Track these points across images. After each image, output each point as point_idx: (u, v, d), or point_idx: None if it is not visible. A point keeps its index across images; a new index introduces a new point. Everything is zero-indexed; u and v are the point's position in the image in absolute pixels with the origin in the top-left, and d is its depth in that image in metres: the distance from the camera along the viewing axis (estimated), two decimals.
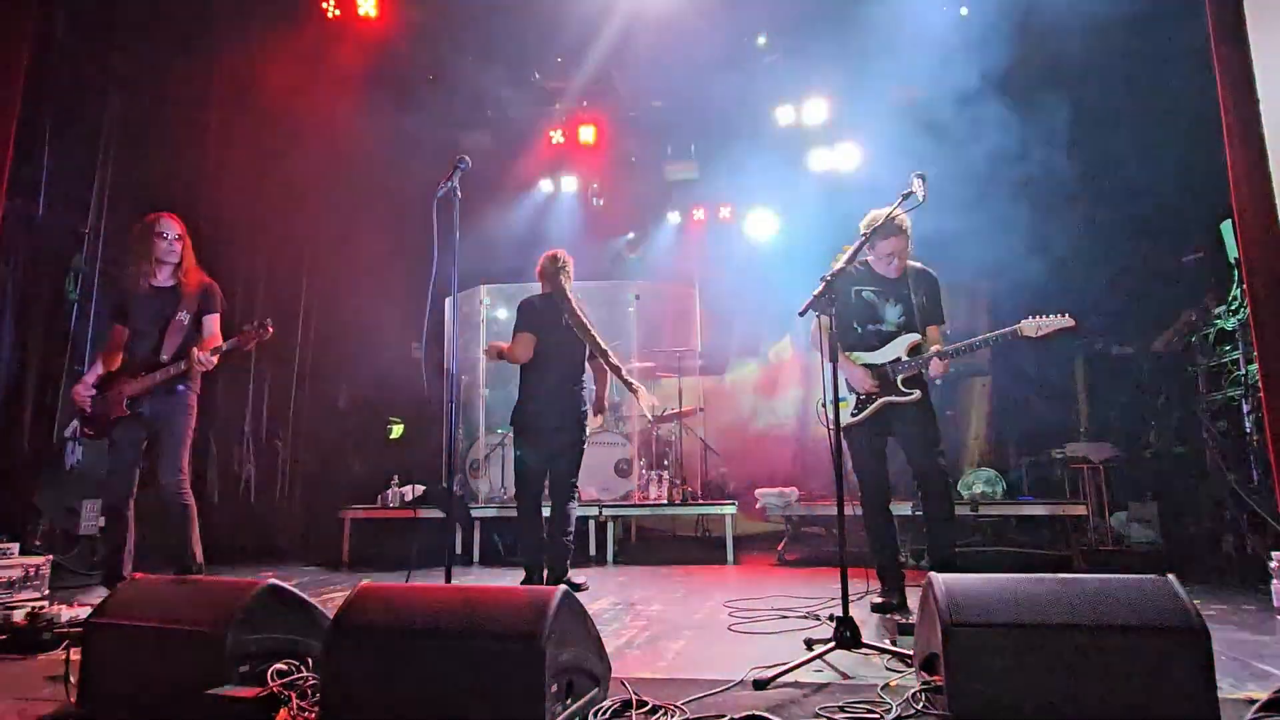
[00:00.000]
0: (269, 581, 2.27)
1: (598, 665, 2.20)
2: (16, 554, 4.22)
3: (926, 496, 3.67)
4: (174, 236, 4.06)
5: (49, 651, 2.97)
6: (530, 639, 1.86)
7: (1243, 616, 3.54)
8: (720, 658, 2.86)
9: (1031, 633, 1.93)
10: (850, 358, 3.75)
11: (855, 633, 2.69)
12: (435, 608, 2.05)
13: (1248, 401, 4.90)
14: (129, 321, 4.09)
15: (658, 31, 6.53)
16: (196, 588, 2.62)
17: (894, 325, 3.77)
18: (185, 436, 3.98)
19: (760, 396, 8.21)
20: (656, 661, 2.84)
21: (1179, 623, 1.88)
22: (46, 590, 4.24)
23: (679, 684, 2.40)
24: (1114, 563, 5.31)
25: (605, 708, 2.11)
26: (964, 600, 2.01)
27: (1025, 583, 2.09)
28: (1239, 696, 2.20)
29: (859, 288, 3.80)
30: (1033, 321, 3.46)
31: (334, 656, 2.00)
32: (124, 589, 2.44)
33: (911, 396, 3.67)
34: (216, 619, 2.11)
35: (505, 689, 1.86)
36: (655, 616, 3.75)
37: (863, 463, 3.78)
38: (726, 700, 2.25)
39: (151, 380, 3.92)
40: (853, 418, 3.74)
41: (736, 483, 7.65)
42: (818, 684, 2.44)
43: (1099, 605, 1.97)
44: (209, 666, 2.04)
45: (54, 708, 2.20)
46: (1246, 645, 2.95)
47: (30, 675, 2.69)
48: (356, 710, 1.89)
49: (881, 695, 2.22)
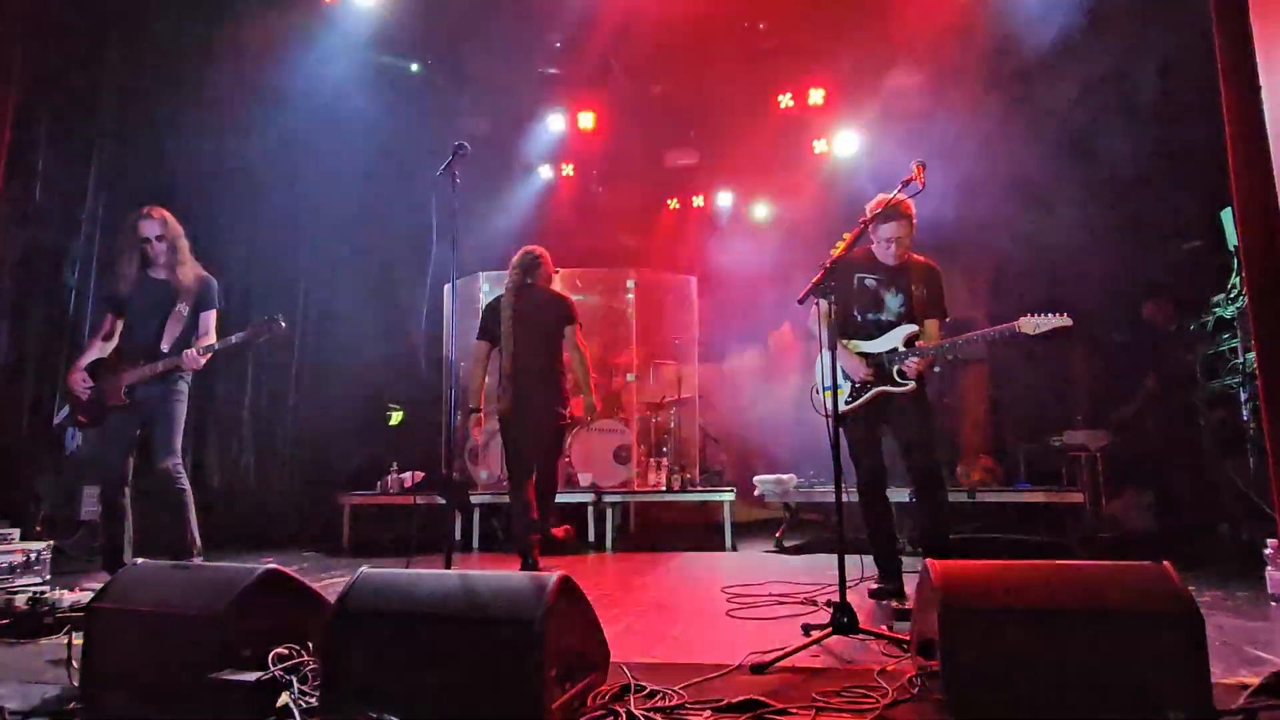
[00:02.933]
0: (269, 566, 2.28)
1: (597, 650, 2.22)
2: (17, 539, 4.24)
3: (921, 486, 3.66)
4: (156, 235, 3.97)
5: (51, 636, 2.99)
6: (530, 624, 1.87)
7: (1237, 603, 3.57)
8: (718, 643, 2.88)
9: (1027, 618, 1.94)
10: (847, 346, 3.75)
11: (852, 618, 2.71)
12: (436, 593, 2.06)
13: (1245, 390, 4.92)
14: (125, 311, 4.06)
15: (657, 17, 6.49)
16: (197, 572, 2.63)
17: (894, 314, 3.76)
18: (179, 422, 3.97)
19: (759, 384, 8.20)
20: (655, 646, 2.86)
21: (1174, 609, 1.90)
22: (48, 575, 4.27)
23: (677, 669, 2.42)
24: (1110, 550, 5.33)
25: (604, 692, 2.13)
26: (961, 586, 2.03)
27: (1021, 569, 2.10)
28: (1232, 681, 2.22)
29: (861, 275, 3.78)
30: (1031, 320, 3.45)
31: (335, 641, 2.01)
32: (125, 574, 2.45)
33: (906, 387, 3.66)
34: (217, 603, 2.11)
35: (505, 673, 1.87)
36: (654, 602, 3.78)
37: (859, 450, 3.78)
38: (724, 684, 2.27)
39: (152, 370, 3.89)
40: (847, 405, 3.74)
41: (735, 469, 7.67)
42: (815, 669, 2.46)
43: (1095, 591, 1.98)
44: (210, 650, 2.05)
45: (57, 691, 2.22)
46: (1240, 631, 2.97)
47: (33, 659, 2.71)
48: (358, 694, 1.90)
49: (878, 680, 2.23)
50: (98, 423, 3.98)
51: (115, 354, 4.05)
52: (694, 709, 2.04)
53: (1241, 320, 4.84)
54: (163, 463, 3.87)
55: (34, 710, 2.10)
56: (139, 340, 4.00)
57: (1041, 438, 6.31)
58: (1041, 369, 6.59)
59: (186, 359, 3.86)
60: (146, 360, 3.92)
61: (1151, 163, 5.65)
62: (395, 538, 6.23)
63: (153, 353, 3.93)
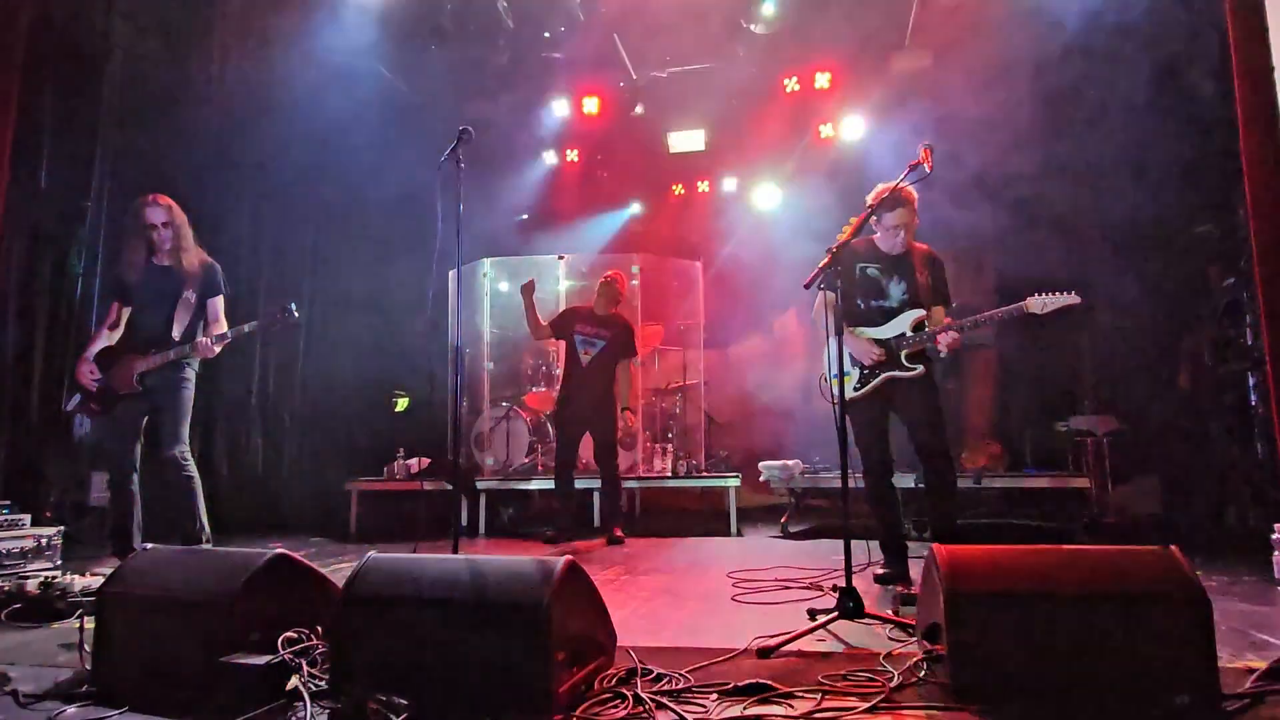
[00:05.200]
0: (278, 551, 2.30)
1: (604, 634, 2.23)
2: (28, 525, 4.27)
3: (928, 472, 3.68)
4: (161, 222, 3.96)
5: (63, 620, 3.01)
6: (537, 608, 1.88)
7: (1243, 587, 3.57)
8: (724, 627, 2.90)
9: (1034, 602, 1.94)
10: (854, 332, 3.75)
11: (858, 603, 2.72)
12: (444, 577, 2.07)
13: (1254, 374, 4.89)
14: (131, 300, 4.06)
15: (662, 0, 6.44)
16: (207, 557, 2.65)
17: (898, 302, 3.76)
18: (186, 409, 3.97)
19: (764, 370, 8.19)
20: (661, 631, 2.87)
21: (1181, 593, 1.90)
22: (59, 560, 4.29)
23: (683, 652, 2.43)
24: (1117, 535, 5.33)
25: (611, 675, 2.14)
26: (967, 570, 2.03)
27: (1027, 553, 2.10)
28: (1238, 665, 2.22)
29: (863, 264, 3.79)
30: (1039, 299, 3.44)
31: (344, 624, 2.03)
32: (135, 559, 2.47)
33: (915, 372, 3.67)
34: (227, 588, 2.13)
35: (513, 657, 1.88)
36: (660, 587, 3.79)
37: (865, 437, 3.78)
38: (730, 668, 2.28)
39: (165, 358, 3.89)
40: (855, 392, 3.74)
41: (740, 455, 7.67)
42: (821, 653, 2.47)
43: (1101, 575, 1.98)
44: (220, 634, 2.07)
45: (70, 674, 2.24)
46: (1246, 616, 2.97)
47: (45, 643, 2.74)
48: (366, 678, 1.92)
49: (884, 664, 2.24)
50: (109, 410, 3.99)
51: (123, 342, 4.05)
52: (700, 692, 2.05)
53: (1251, 304, 4.81)
54: (170, 450, 3.88)
55: (47, 693, 2.12)
56: (148, 329, 3.99)
57: (1047, 423, 6.30)
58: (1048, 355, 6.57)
59: (200, 347, 3.86)
60: (157, 348, 3.92)
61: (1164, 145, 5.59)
62: (402, 523, 6.26)
63: (164, 341, 3.93)
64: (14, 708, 2.04)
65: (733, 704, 1.97)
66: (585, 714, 1.88)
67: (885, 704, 1.95)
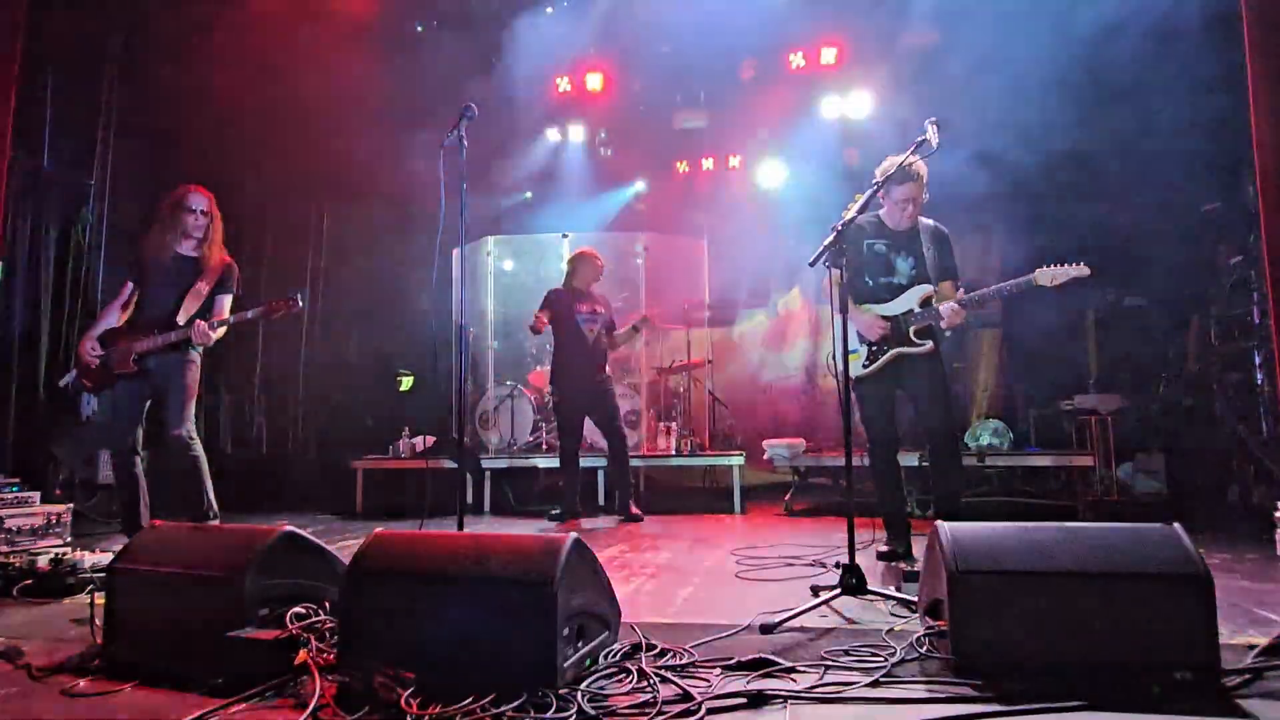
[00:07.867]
0: (285, 528, 2.31)
1: (608, 610, 2.25)
2: (38, 502, 4.30)
3: (934, 449, 3.70)
4: (202, 209, 4.07)
5: (73, 596, 3.05)
6: (543, 584, 1.90)
7: (1246, 565, 3.58)
8: (728, 603, 2.92)
9: (1036, 579, 1.95)
10: (861, 309, 3.74)
11: (861, 579, 2.73)
12: (449, 553, 2.09)
13: (1260, 353, 4.88)
14: (144, 282, 4.08)
15: None
16: (215, 534, 2.67)
17: (905, 278, 3.74)
18: (191, 390, 4.00)
19: (768, 348, 8.19)
20: (666, 607, 2.89)
21: (1183, 570, 1.90)
22: (69, 537, 4.33)
23: (688, 628, 2.45)
24: (1120, 513, 5.34)
25: (616, 650, 2.16)
26: (970, 547, 2.03)
27: (1031, 531, 2.11)
28: (1239, 642, 2.23)
29: (870, 241, 3.77)
30: (1047, 271, 3.40)
31: (351, 600, 2.05)
32: (144, 535, 2.49)
33: (923, 348, 3.66)
34: (235, 564, 2.15)
35: (518, 632, 1.90)
36: (664, 564, 3.81)
37: (871, 414, 3.79)
38: (734, 644, 2.29)
39: (165, 339, 3.92)
40: (864, 369, 3.74)
41: (744, 434, 7.68)
42: (823, 628, 2.48)
43: (1103, 552, 1.98)
44: (229, 610, 2.08)
45: (81, 648, 2.27)
46: (1248, 593, 2.98)
47: (57, 618, 2.77)
48: (373, 652, 1.94)
49: (886, 640, 2.26)
50: (102, 388, 4.02)
51: (128, 323, 4.07)
52: (704, 667, 2.07)
53: (1258, 283, 4.79)
54: (175, 430, 3.90)
55: (59, 666, 2.15)
56: (155, 311, 4.02)
57: (1052, 402, 6.29)
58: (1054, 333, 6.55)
59: (198, 331, 3.88)
60: (160, 331, 3.95)
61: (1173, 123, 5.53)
62: (407, 501, 6.30)
63: (168, 324, 3.95)
64: (27, 681, 2.07)
65: (736, 678, 1.99)
66: (590, 689, 1.89)
67: (887, 679, 1.96)
